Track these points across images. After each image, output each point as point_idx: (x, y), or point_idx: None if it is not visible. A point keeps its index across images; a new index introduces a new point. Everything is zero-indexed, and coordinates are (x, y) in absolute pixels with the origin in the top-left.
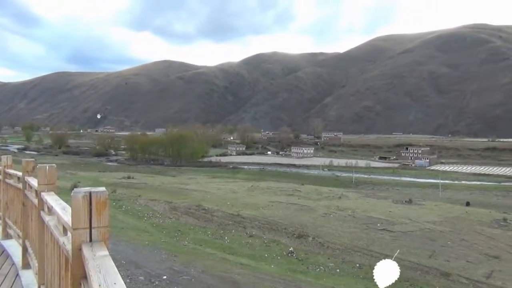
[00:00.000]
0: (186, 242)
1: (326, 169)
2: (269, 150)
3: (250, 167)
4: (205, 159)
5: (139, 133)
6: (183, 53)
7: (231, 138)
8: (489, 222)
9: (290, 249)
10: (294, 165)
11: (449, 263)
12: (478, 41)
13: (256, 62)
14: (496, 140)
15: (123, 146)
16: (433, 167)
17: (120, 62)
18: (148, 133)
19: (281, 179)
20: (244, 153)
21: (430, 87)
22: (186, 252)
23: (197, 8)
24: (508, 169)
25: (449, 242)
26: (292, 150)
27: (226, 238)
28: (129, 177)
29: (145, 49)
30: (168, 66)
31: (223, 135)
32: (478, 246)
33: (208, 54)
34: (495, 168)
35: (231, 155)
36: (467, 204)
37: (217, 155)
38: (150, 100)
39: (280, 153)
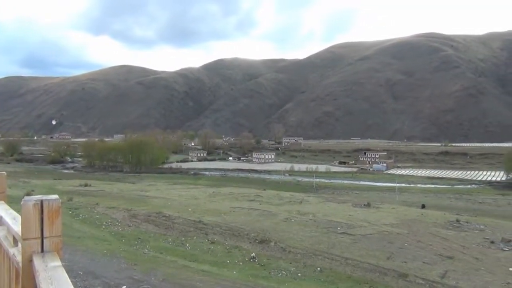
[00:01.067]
0: (146, 250)
1: (287, 174)
2: (231, 156)
3: (212, 173)
4: (166, 166)
5: (96, 139)
6: (143, 58)
7: (192, 144)
8: (443, 223)
9: (252, 255)
10: (255, 171)
11: (406, 264)
12: (431, 50)
13: (217, 68)
14: (449, 144)
15: (79, 153)
16: (390, 171)
17: (77, 67)
18: (106, 139)
19: (242, 185)
20: (205, 159)
21: (386, 93)
22: (147, 260)
23: (157, 13)
24: (459, 172)
25: (406, 244)
26: (254, 156)
27: (187, 245)
28: (86, 185)
29: (103, 53)
30: (127, 71)
31: (184, 141)
32: (433, 247)
33: (169, 59)
34: (448, 172)
35: (192, 161)
36: (423, 206)
37: (178, 161)
38: (108, 105)
39: (242, 158)
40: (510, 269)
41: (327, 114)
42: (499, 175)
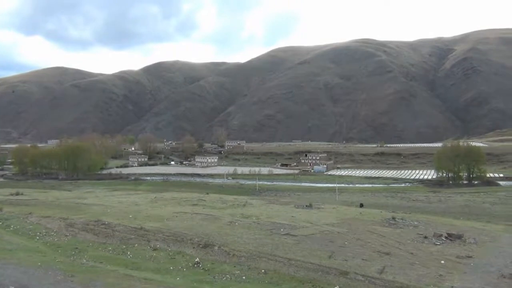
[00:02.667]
0: (85, 260)
1: (230, 178)
2: (173, 160)
3: (153, 178)
4: (105, 171)
5: (29, 145)
6: (79, 60)
7: (132, 148)
8: (380, 221)
9: (196, 260)
10: (198, 175)
11: (347, 262)
12: (367, 55)
13: (158, 71)
14: (384, 145)
15: (10, 160)
16: (330, 172)
17: (7, 68)
18: (40, 145)
19: (185, 189)
20: (146, 164)
21: (325, 96)
22: (85, 271)
23: (94, 13)
24: (394, 171)
25: (346, 242)
26: (196, 160)
27: (128, 253)
28: (17, 194)
29: (36, 54)
30: (61, 73)
31: (124, 146)
32: (372, 244)
33: (107, 61)
34: (384, 171)
35: (132, 166)
36: (361, 205)
37: (117, 167)
38: (41, 109)
39: (184, 162)
40: (442, 262)
41: (268, 117)
42: (430, 174)
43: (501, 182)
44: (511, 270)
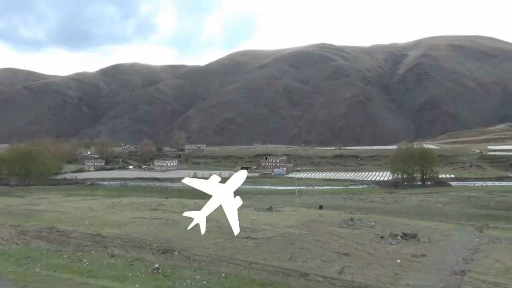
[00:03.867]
0: (38, 269)
1: None
2: (131, 164)
3: (111, 182)
4: (59, 177)
5: None
6: (32, 61)
7: (88, 152)
8: (339, 222)
9: (156, 266)
10: (157, 179)
11: (307, 264)
12: (324, 59)
13: (115, 73)
14: (342, 148)
15: None
16: (290, 175)
17: None
18: None
19: (144, 194)
20: (103, 168)
21: (284, 100)
22: (38, 280)
23: (48, 12)
24: (352, 173)
25: (306, 244)
26: (155, 164)
27: (84, 260)
28: None
29: None
30: (12, 75)
31: (79, 150)
32: (331, 246)
33: (61, 63)
34: (342, 173)
35: (88, 170)
36: (320, 207)
37: (72, 172)
38: None
39: (143, 167)
40: (398, 260)
41: (228, 120)
42: (386, 175)
43: (452, 183)
44: (462, 267)
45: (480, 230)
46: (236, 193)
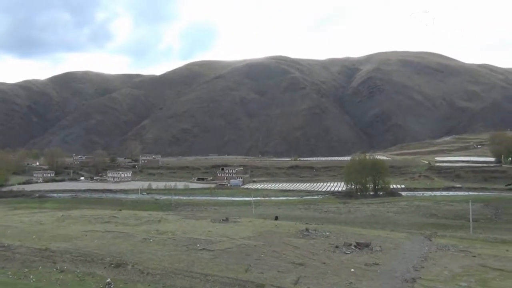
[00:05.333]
0: None
1: (145, 193)
2: (83, 176)
3: (61, 195)
4: (5, 189)
5: None
6: None
7: (37, 163)
8: (294, 233)
9: (108, 281)
10: (110, 190)
11: (263, 275)
12: (281, 71)
13: (67, 81)
14: (298, 159)
15: None
16: (246, 186)
17: None
18: None
19: (96, 206)
20: (53, 180)
21: (241, 111)
22: None
23: None
24: (308, 184)
25: (262, 255)
26: (108, 175)
27: (31, 277)
28: None
29: None
30: None
31: (27, 161)
32: (287, 256)
33: (10, 70)
34: (298, 184)
35: (37, 182)
36: (276, 218)
37: (20, 183)
38: None
39: (95, 178)
40: (352, 269)
41: (184, 131)
42: (340, 186)
43: (402, 193)
44: (413, 275)
45: (429, 238)
46: (192, 204)
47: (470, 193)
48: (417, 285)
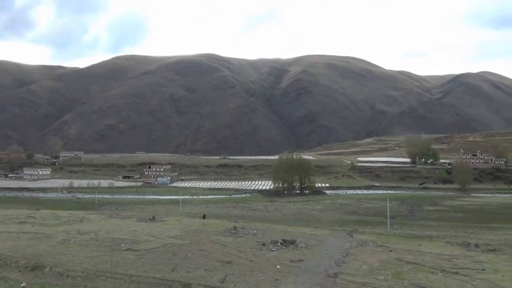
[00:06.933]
0: None
1: (65, 192)
2: None
3: None
4: None
5: None
6: None
7: None
8: (222, 231)
9: (23, 285)
10: (27, 189)
11: (190, 274)
12: (211, 69)
13: None
14: (227, 157)
15: None
16: (174, 184)
17: None
18: None
19: (10, 206)
20: None
21: (170, 108)
22: None
23: None
24: (236, 182)
25: (189, 254)
26: (25, 172)
27: None
28: None
29: None
30: None
31: None
32: (214, 254)
33: None
34: (226, 182)
35: None
36: (204, 216)
37: None
38: None
39: (9, 175)
40: (278, 266)
41: (110, 127)
42: (268, 184)
43: (327, 191)
44: (335, 270)
45: (351, 234)
46: (117, 203)
47: (388, 191)
48: (339, 279)
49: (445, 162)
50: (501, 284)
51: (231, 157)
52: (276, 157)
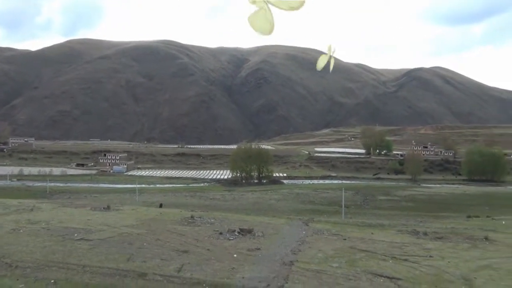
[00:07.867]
0: None
1: (15, 179)
2: None
3: None
4: None
5: None
6: None
7: None
8: (180, 220)
9: None
10: None
11: (146, 264)
12: (170, 56)
13: None
14: (185, 146)
15: None
16: (130, 173)
17: None
18: None
19: None
20: None
21: (127, 94)
22: None
23: None
24: (194, 172)
25: (145, 244)
26: None
27: None
28: None
29: None
30: None
31: None
32: (171, 244)
33: None
34: (184, 172)
35: None
36: (160, 205)
37: None
38: None
39: None
40: (235, 255)
41: (63, 113)
42: (226, 174)
43: (284, 181)
44: (291, 258)
45: (307, 223)
46: (70, 192)
47: (344, 181)
48: (294, 267)
49: (397, 154)
50: (447, 270)
51: (189, 146)
52: (235, 146)
